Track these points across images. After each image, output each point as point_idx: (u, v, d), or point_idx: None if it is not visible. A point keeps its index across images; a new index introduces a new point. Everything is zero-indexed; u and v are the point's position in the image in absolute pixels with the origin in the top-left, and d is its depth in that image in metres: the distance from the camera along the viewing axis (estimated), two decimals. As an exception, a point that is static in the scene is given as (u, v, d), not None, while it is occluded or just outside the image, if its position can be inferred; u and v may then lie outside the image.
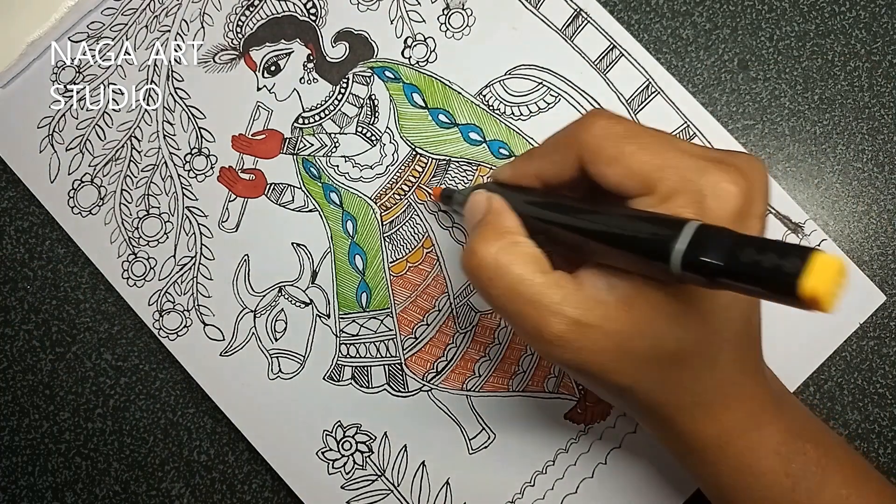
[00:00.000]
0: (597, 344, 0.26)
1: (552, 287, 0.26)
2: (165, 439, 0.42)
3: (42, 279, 0.43)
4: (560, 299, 0.26)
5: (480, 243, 0.28)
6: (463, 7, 0.42)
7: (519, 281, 0.26)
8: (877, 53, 0.42)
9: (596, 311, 0.26)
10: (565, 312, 0.26)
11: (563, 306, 0.26)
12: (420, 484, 0.40)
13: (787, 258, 0.19)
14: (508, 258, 0.27)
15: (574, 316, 0.26)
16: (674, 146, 0.26)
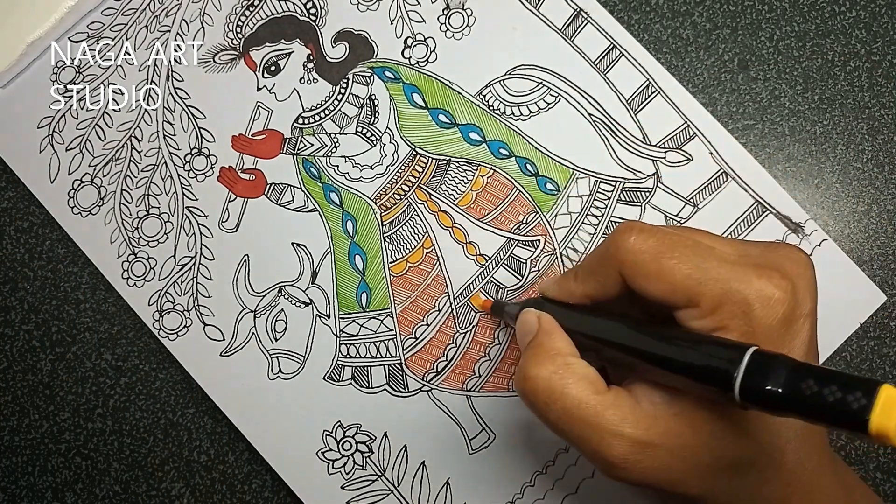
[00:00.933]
0: (661, 461, 0.26)
1: (610, 407, 0.26)
2: (165, 439, 0.42)
3: (42, 279, 0.43)
4: (619, 420, 0.26)
5: (532, 366, 0.28)
6: (463, 7, 0.42)
7: (575, 404, 0.26)
8: (877, 53, 0.42)
9: (656, 428, 0.26)
10: (625, 433, 0.26)
11: (622, 427, 0.26)
12: (420, 484, 0.40)
13: (853, 392, 0.19)
14: (562, 381, 0.27)
15: (635, 436, 0.26)
16: (712, 255, 0.26)
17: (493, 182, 0.41)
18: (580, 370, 0.27)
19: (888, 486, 0.40)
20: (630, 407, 0.26)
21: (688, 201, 0.40)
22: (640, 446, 0.26)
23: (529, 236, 0.41)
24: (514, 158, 0.41)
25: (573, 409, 0.26)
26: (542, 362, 0.28)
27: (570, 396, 0.26)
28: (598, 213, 0.40)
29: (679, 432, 0.26)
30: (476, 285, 0.40)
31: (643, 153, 0.41)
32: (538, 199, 0.41)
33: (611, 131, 0.41)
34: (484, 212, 0.41)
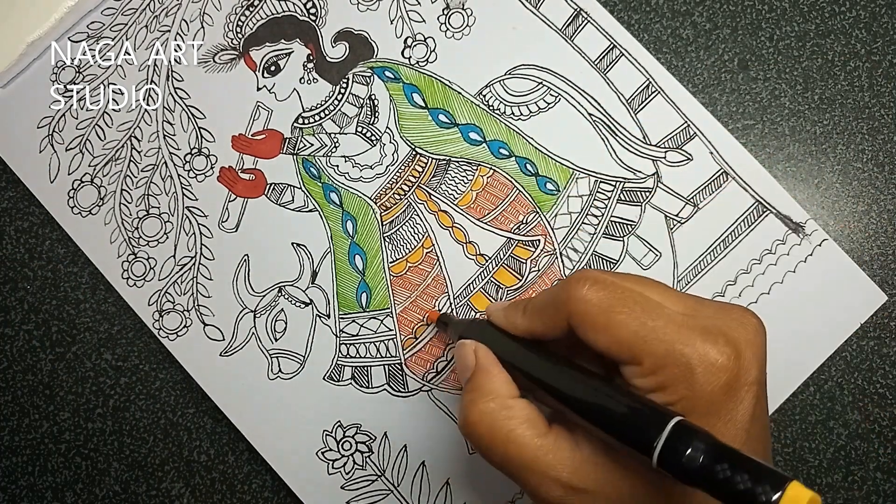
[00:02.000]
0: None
1: (549, 452, 0.27)
2: (165, 439, 0.42)
3: (42, 279, 0.43)
4: (556, 464, 0.26)
5: (472, 411, 0.28)
6: (463, 7, 0.42)
7: (515, 449, 0.27)
8: (877, 53, 0.42)
9: (593, 475, 0.26)
10: (562, 479, 0.26)
11: (559, 472, 0.26)
12: (420, 484, 0.40)
13: (762, 484, 0.20)
14: (502, 425, 0.27)
15: (571, 482, 0.26)
16: (660, 314, 0.26)
17: (493, 182, 0.41)
18: (520, 412, 0.28)
19: (888, 486, 0.40)
20: (569, 451, 0.27)
21: (688, 201, 0.40)
22: (576, 492, 0.26)
23: (529, 236, 0.41)
24: (514, 158, 0.41)
25: (514, 454, 0.27)
26: (482, 406, 0.28)
27: (511, 442, 0.27)
28: (598, 213, 0.40)
29: (613, 482, 0.26)
30: (476, 285, 0.40)
31: (643, 153, 0.41)
32: (538, 199, 0.41)
33: (611, 131, 0.41)
34: (484, 212, 0.41)
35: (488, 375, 0.29)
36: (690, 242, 0.40)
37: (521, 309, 0.30)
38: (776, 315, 0.40)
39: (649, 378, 0.25)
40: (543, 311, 0.29)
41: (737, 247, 0.40)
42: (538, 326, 0.29)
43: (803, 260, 0.40)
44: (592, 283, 0.27)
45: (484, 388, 0.29)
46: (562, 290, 0.27)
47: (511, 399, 0.28)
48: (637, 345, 0.25)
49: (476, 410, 0.28)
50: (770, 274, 0.40)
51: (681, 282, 0.40)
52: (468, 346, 0.31)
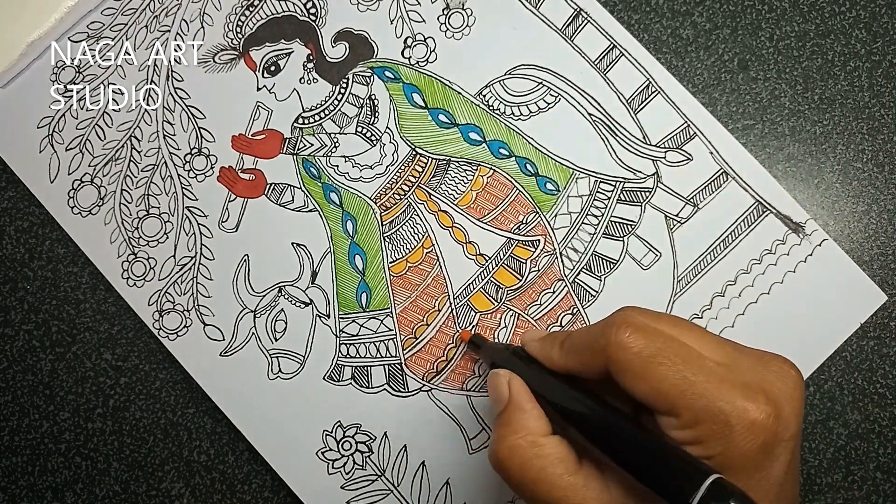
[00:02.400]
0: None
1: (579, 492, 0.27)
2: (165, 439, 0.42)
3: (42, 279, 0.43)
4: (581, 502, 0.26)
5: (504, 446, 0.28)
6: (463, 7, 0.42)
7: (545, 488, 0.27)
8: (877, 53, 0.42)
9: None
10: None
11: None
12: (420, 484, 0.40)
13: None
14: (533, 463, 0.27)
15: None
16: (701, 366, 0.26)
17: (493, 182, 0.41)
18: (552, 450, 0.28)
19: (888, 486, 0.40)
20: (598, 492, 0.27)
21: (688, 201, 0.40)
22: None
23: (529, 236, 0.41)
24: (514, 158, 0.41)
25: (543, 492, 0.27)
26: (513, 442, 0.28)
27: (541, 481, 0.27)
28: (598, 213, 0.40)
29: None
30: (476, 285, 0.40)
31: (643, 153, 0.41)
32: (538, 199, 0.41)
33: (611, 131, 0.41)
34: (484, 212, 0.41)
35: (521, 411, 0.29)
36: (690, 242, 0.40)
37: (559, 344, 0.30)
38: (776, 315, 0.40)
39: (686, 431, 0.25)
40: (582, 351, 0.29)
41: (737, 247, 0.40)
42: (575, 364, 0.29)
43: (803, 260, 0.40)
44: (633, 329, 0.27)
45: (516, 423, 0.29)
46: (602, 333, 0.27)
47: (543, 437, 0.28)
48: (676, 397, 0.25)
49: (507, 446, 0.28)
50: (770, 274, 0.40)
51: (681, 281, 0.40)
52: (502, 378, 0.31)
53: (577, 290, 0.40)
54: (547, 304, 0.40)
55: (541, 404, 0.30)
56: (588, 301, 0.40)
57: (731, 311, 0.40)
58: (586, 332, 0.29)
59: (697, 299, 0.40)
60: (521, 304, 0.40)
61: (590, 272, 0.40)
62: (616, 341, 0.27)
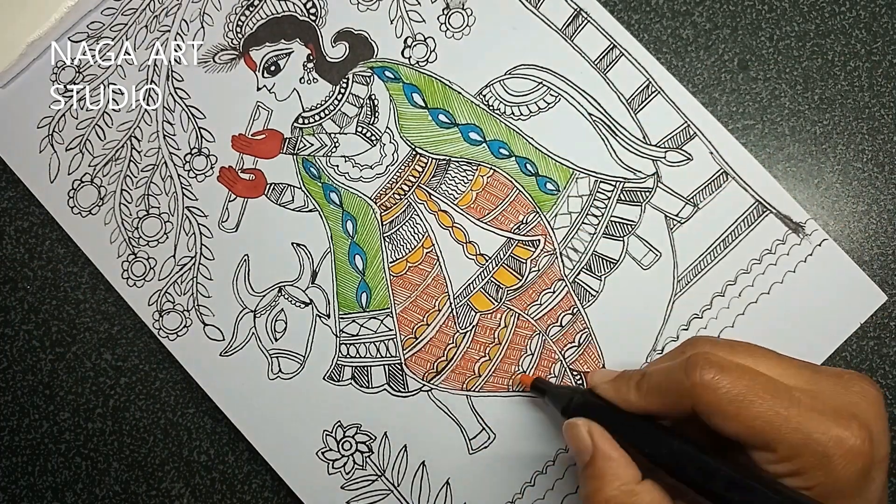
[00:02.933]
0: None
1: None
2: (165, 439, 0.42)
3: (42, 279, 0.43)
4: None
5: (598, 496, 0.28)
6: (463, 7, 0.42)
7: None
8: (877, 53, 0.42)
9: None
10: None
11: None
12: (420, 484, 0.40)
13: None
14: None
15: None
16: (790, 399, 0.26)
17: (493, 182, 0.41)
18: (648, 497, 0.28)
19: (888, 487, 0.40)
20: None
21: (688, 201, 0.40)
22: None
23: (529, 236, 0.41)
24: (514, 158, 0.41)
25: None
26: (607, 494, 0.28)
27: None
28: (598, 213, 0.40)
29: None
30: (476, 285, 0.40)
31: (643, 153, 0.41)
32: (538, 199, 0.41)
33: (611, 131, 0.41)
34: (484, 212, 0.41)
35: (609, 460, 0.29)
36: (690, 242, 0.40)
37: (634, 385, 0.30)
38: (776, 315, 0.40)
39: (784, 465, 0.26)
40: (664, 394, 0.28)
41: (737, 247, 0.40)
42: (656, 406, 0.29)
43: (803, 260, 0.40)
44: (717, 369, 0.27)
45: (607, 474, 0.29)
46: (685, 375, 0.27)
47: (636, 484, 0.28)
48: (770, 433, 0.26)
49: (602, 499, 0.28)
50: (770, 274, 0.40)
51: (681, 281, 0.40)
52: (581, 427, 0.31)
53: (577, 289, 0.40)
54: (547, 304, 0.40)
55: (625, 449, 0.29)
56: (588, 301, 0.40)
57: (732, 311, 0.40)
58: (666, 373, 0.29)
59: (697, 299, 0.40)
60: (521, 304, 0.40)
61: (590, 272, 0.40)
62: (702, 383, 0.27)
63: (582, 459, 0.30)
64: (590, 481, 0.29)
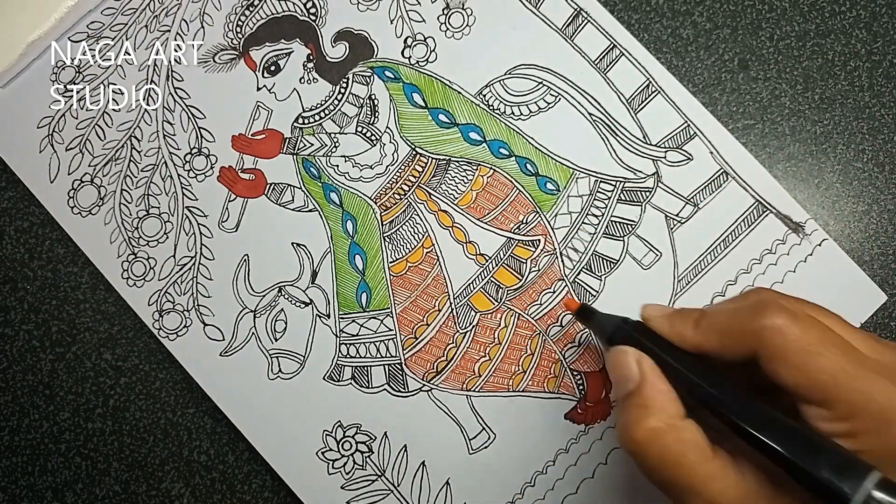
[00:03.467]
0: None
1: (715, 479, 0.26)
2: (165, 439, 0.42)
3: (42, 279, 0.43)
4: (723, 491, 0.26)
5: (640, 425, 0.27)
6: (463, 7, 0.42)
7: (684, 473, 0.26)
8: (877, 53, 0.42)
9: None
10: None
11: (722, 499, 0.26)
12: (420, 484, 0.40)
13: None
14: (673, 446, 0.27)
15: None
16: (859, 361, 0.25)
17: (493, 182, 0.41)
18: (690, 435, 0.27)
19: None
20: (735, 480, 0.26)
21: (688, 201, 0.40)
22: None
23: (529, 236, 0.41)
24: (514, 158, 0.41)
25: (682, 479, 0.26)
26: (652, 425, 0.27)
27: (681, 466, 0.26)
28: (599, 213, 0.40)
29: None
30: (476, 285, 0.40)
31: (643, 153, 0.41)
32: (538, 199, 0.41)
33: (611, 131, 0.41)
34: (484, 211, 0.41)
35: (658, 391, 0.28)
36: (691, 242, 0.40)
37: (693, 321, 0.29)
38: (776, 315, 0.40)
39: (838, 423, 0.25)
40: (725, 332, 0.28)
41: (737, 246, 0.40)
42: (713, 345, 0.28)
43: (803, 260, 0.40)
44: (790, 316, 0.26)
45: (653, 404, 0.28)
46: (753, 316, 0.27)
47: (681, 420, 0.27)
48: (832, 389, 0.25)
49: (644, 429, 0.27)
50: (770, 274, 0.40)
51: (681, 281, 0.40)
52: (630, 356, 0.29)
53: (577, 289, 0.40)
54: (547, 304, 0.40)
55: (672, 386, 0.28)
56: (588, 301, 0.40)
57: (732, 310, 0.40)
58: (731, 313, 0.28)
59: (698, 299, 0.40)
60: (522, 304, 0.40)
61: (590, 272, 0.40)
62: (772, 326, 0.26)
63: (625, 388, 0.29)
64: (633, 410, 0.28)
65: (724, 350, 0.28)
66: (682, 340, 0.29)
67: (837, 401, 0.25)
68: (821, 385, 0.25)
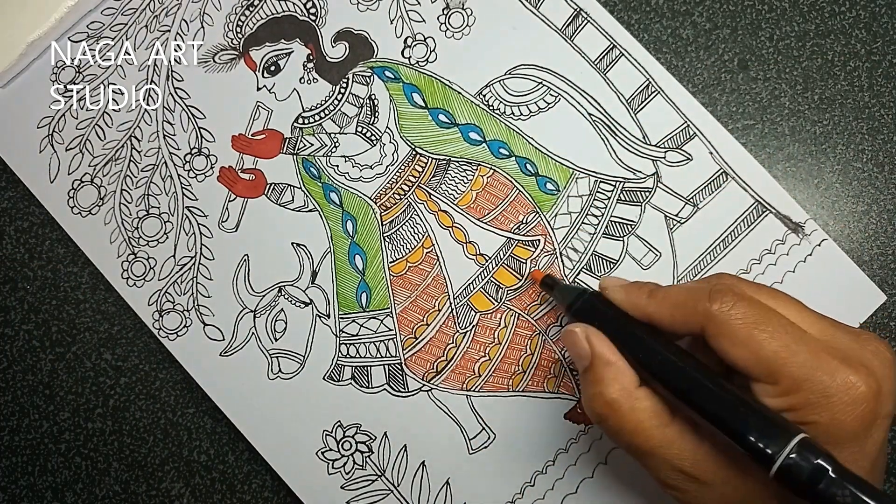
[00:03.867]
0: (712, 498, 0.27)
1: (673, 444, 0.28)
2: (165, 439, 0.42)
3: (42, 279, 0.43)
4: (679, 457, 0.27)
5: (599, 400, 0.29)
6: (463, 7, 0.42)
7: (643, 438, 0.28)
8: (877, 53, 0.42)
9: (712, 469, 0.27)
10: (683, 468, 0.27)
11: (680, 462, 0.27)
12: (420, 484, 0.40)
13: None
14: (629, 414, 0.28)
15: (691, 472, 0.27)
16: (801, 338, 0.26)
17: (493, 182, 0.41)
18: (645, 403, 0.28)
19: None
20: (691, 444, 0.27)
21: (688, 201, 0.40)
22: (696, 482, 0.27)
23: (529, 236, 0.41)
24: (514, 158, 0.41)
25: (640, 443, 0.28)
26: (609, 397, 0.29)
27: (638, 433, 0.28)
28: (598, 213, 0.40)
29: (732, 480, 0.27)
30: (476, 285, 0.40)
31: (643, 153, 0.41)
32: (538, 199, 0.41)
33: (611, 131, 0.41)
34: (484, 211, 0.41)
35: (608, 366, 0.29)
36: (690, 242, 0.40)
37: (647, 293, 0.30)
38: (776, 315, 0.40)
39: (782, 398, 0.26)
40: (677, 308, 0.29)
41: (736, 247, 0.40)
42: (665, 318, 0.29)
43: (803, 260, 0.40)
44: (738, 297, 0.27)
45: (606, 377, 0.29)
46: (702, 296, 0.28)
47: (635, 389, 0.29)
48: (776, 365, 0.26)
49: (602, 402, 0.29)
50: (770, 274, 0.40)
51: (681, 281, 0.40)
52: (579, 334, 0.31)
53: (577, 290, 0.40)
54: (547, 304, 0.40)
55: (623, 355, 0.30)
56: (588, 301, 0.40)
57: (731, 311, 0.40)
58: (685, 290, 0.29)
59: (697, 299, 0.40)
60: (521, 304, 0.40)
61: (590, 272, 0.40)
62: (720, 307, 0.27)
63: (582, 365, 0.31)
64: (590, 386, 0.30)
65: (674, 324, 0.29)
66: (635, 309, 0.31)
67: (782, 376, 0.26)
68: (763, 360, 0.26)
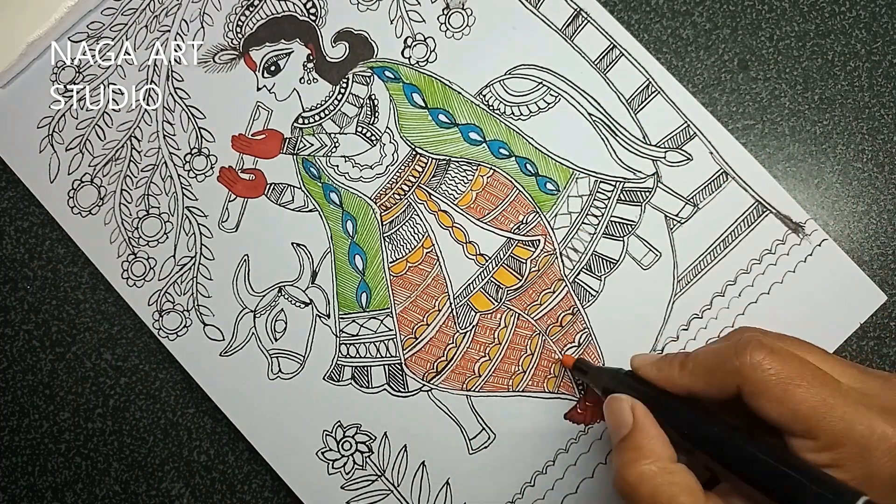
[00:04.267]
0: None
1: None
2: (165, 439, 0.42)
3: (42, 279, 0.43)
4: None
5: (632, 472, 0.28)
6: (463, 7, 0.42)
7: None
8: (877, 53, 0.42)
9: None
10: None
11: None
12: (420, 484, 0.40)
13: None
14: (664, 488, 0.27)
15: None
16: (837, 390, 0.26)
17: (493, 182, 0.41)
18: (681, 478, 0.28)
19: None
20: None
21: (688, 201, 0.40)
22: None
23: (529, 236, 0.41)
24: (514, 158, 0.41)
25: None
26: (643, 469, 0.28)
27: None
28: (598, 213, 0.40)
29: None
30: (476, 285, 0.40)
31: (643, 153, 0.41)
32: (538, 199, 0.41)
33: (611, 131, 0.41)
34: (484, 212, 0.41)
35: (647, 436, 0.29)
36: (690, 242, 0.40)
37: (679, 365, 0.30)
38: (776, 315, 0.40)
39: (823, 454, 0.26)
40: (710, 373, 0.29)
41: (737, 247, 0.40)
42: (700, 386, 0.29)
43: (803, 260, 0.40)
44: (768, 351, 0.27)
45: (644, 448, 0.29)
46: (733, 355, 0.27)
47: (672, 463, 0.28)
48: (814, 420, 0.26)
49: (636, 472, 0.28)
50: (770, 274, 0.40)
51: (680, 281, 0.40)
52: (624, 402, 0.31)
53: (577, 289, 0.40)
54: (547, 304, 0.40)
55: (664, 432, 0.29)
56: (588, 301, 0.40)
57: (731, 311, 0.40)
58: (713, 354, 0.29)
59: (697, 299, 0.40)
60: (521, 304, 0.40)
61: (590, 272, 0.40)
62: (752, 363, 0.27)
63: (619, 434, 0.30)
64: (625, 452, 0.29)
65: (710, 389, 0.29)
66: (671, 384, 0.31)
67: (820, 430, 0.26)
68: (801, 416, 0.26)
